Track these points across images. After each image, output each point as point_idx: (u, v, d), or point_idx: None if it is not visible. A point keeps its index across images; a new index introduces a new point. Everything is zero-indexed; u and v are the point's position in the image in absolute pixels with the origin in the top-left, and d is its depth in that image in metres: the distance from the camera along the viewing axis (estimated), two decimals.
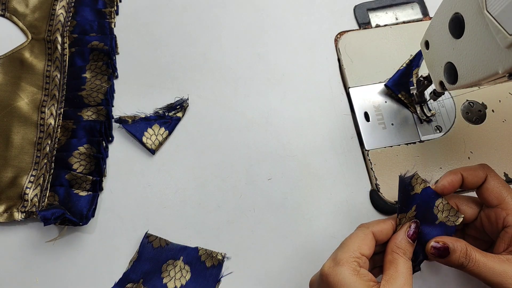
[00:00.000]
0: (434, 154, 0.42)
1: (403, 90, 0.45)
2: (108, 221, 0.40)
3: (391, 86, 0.44)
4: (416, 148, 0.43)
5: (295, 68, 0.47)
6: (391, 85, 0.44)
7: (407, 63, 0.45)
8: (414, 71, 0.45)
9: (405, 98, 0.44)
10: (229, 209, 0.41)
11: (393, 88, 0.44)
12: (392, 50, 0.47)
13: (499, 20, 0.26)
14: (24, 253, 0.39)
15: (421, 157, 0.42)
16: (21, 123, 0.43)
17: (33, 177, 0.41)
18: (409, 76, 0.45)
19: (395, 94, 0.44)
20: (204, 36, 0.48)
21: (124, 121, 0.43)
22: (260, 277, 0.39)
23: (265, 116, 0.45)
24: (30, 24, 0.48)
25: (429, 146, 0.43)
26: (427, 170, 0.42)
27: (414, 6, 0.50)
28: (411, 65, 0.45)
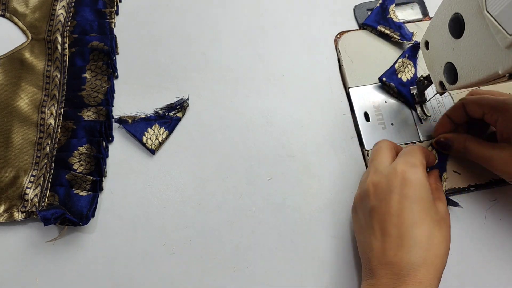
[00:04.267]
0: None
1: (381, 24, 0.47)
2: (108, 221, 0.40)
3: (369, 23, 0.47)
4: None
5: (295, 68, 0.47)
6: (369, 23, 0.47)
7: (380, 2, 0.48)
8: (390, 7, 0.48)
9: (385, 29, 0.47)
10: (229, 209, 0.41)
11: (371, 24, 0.47)
12: (392, 50, 0.47)
13: (499, 20, 0.26)
14: (24, 253, 0.39)
15: None
16: (21, 123, 0.43)
17: (33, 177, 0.41)
18: (385, 12, 0.48)
19: (374, 29, 0.47)
20: (204, 36, 0.48)
21: (124, 121, 0.43)
22: (260, 277, 0.39)
23: (265, 116, 0.45)
24: (30, 24, 0.48)
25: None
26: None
27: (414, 6, 0.50)
28: (385, 3, 0.48)
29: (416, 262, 0.29)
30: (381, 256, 0.31)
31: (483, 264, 0.39)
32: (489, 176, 0.42)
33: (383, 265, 0.31)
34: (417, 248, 0.30)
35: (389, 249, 0.30)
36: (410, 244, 0.30)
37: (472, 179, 0.42)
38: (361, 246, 0.35)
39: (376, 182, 0.33)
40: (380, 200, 0.32)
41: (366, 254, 0.33)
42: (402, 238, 0.30)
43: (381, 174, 0.33)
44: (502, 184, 0.42)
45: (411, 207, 0.31)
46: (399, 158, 0.34)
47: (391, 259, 0.30)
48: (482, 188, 0.42)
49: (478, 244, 0.40)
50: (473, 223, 0.41)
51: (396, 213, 0.31)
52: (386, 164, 0.34)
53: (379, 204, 0.32)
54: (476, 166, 0.42)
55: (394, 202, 0.31)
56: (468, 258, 0.39)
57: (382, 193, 0.32)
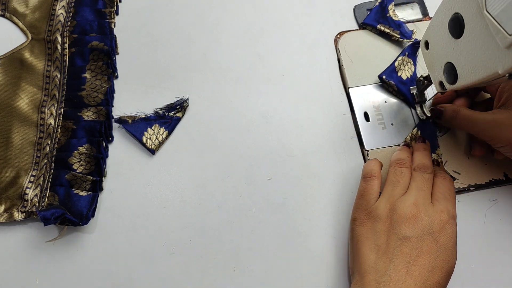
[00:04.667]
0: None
1: (381, 23, 0.47)
2: (108, 221, 0.40)
3: (369, 22, 0.47)
4: None
5: (295, 68, 0.47)
6: (368, 22, 0.47)
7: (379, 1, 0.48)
8: (390, 6, 0.48)
9: (385, 28, 0.47)
10: (229, 209, 0.41)
11: (371, 23, 0.47)
12: (392, 49, 0.47)
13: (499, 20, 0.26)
14: (24, 253, 0.39)
15: None
16: (21, 123, 0.43)
17: (33, 177, 0.41)
18: (385, 11, 0.48)
19: (374, 29, 0.47)
20: (204, 36, 0.48)
21: (124, 121, 0.43)
22: (260, 277, 0.39)
23: (265, 116, 0.45)
24: (30, 24, 0.48)
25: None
26: None
27: (414, 6, 0.50)
28: (384, 1, 0.48)
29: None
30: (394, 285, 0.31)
31: (483, 264, 0.39)
32: (489, 176, 0.42)
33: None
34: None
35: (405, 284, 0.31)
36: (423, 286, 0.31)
37: (472, 179, 0.42)
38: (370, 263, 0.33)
39: (420, 216, 0.34)
40: (417, 235, 0.33)
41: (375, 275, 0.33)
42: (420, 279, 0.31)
43: (427, 213, 0.34)
44: (502, 184, 0.42)
45: (437, 255, 0.32)
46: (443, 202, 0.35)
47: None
48: (482, 188, 0.42)
49: (478, 244, 0.40)
50: (473, 223, 0.41)
51: (424, 254, 0.32)
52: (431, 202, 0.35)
53: (414, 238, 0.33)
54: (476, 166, 0.42)
55: (427, 244, 0.33)
56: (468, 258, 0.39)
57: (421, 230, 0.33)
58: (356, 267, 0.35)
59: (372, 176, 0.37)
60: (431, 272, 0.32)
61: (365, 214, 0.36)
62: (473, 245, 0.40)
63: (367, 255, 0.34)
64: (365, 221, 0.36)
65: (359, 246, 0.35)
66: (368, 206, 0.36)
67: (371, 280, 0.32)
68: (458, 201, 0.41)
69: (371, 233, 0.35)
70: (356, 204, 0.38)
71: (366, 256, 0.34)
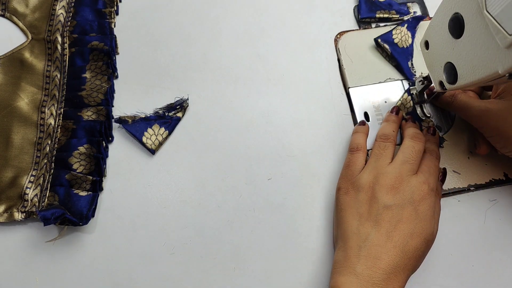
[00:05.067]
0: None
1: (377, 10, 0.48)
2: (108, 221, 0.40)
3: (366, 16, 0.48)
4: None
5: (295, 68, 0.47)
6: (365, 15, 0.48)
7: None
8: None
9: (383, 14, 0.47)
10: (229, 209, 0.41)
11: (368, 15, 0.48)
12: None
13: (499, 20, 0.26)
14: (24, 253, 0.39)
15: None
16: (21, 123, 0.43)
17: (33, 177, 0.41)
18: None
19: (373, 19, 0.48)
20: (204, 36, 0.48)
21: (124, 121, 0.43)
22: (260, 277, 0.39)
23: (265, 116, 0.45)
24: (30, 24, 0.48)
25: None
26: None
27: (414, 6, 0.50)
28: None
29: (400, 265, 0.33)
30: (374, 249, 0.33)
31: (483, 264, 0.39)
32: (489, 176, 0.42)
33: (372, 257, 0.33)
34: (405, 256, 0.33)
35: (385, 248, 0.33)
36: (402, 251, 0.33)
37: (472, 179, 0.42)
38: (352, 229, 0.35)
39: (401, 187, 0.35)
40: (398, 204, 0.35)
41: (357, 240, 0.34)
42: (399, 243, 0.33)
43: (408, 184, 0.36)
44: (502, 184, 0.42)
45: (416, 223, 0.34)
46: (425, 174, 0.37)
47: (383, 255, 0.33)
48: (482, 188, 0.42)
49: (478, 244, 0.40)
50: (473, 223, 0.41)
51: (404, 221, 0.34)
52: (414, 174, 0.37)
53: (395, 207, 0.35)
54: (476, 166, 0.42)
55: (407, 212, 0.35)
56: (468, 258, 0.39)
57: (402, 200, 0.35)
58: (339, 233, 0.37)
59: (358, 149, 0.40)
60: (410, 238, 0.34)
61: (350, 184, 0.38)
62: (473, 245, 0.40)
63: (350, 222, 0.36)
64: (349, 190, 0.38)
65: (342, 214, 0.37)
66: (352, 176, 0.38)
67: (353, 244, 0.34)
68: (458, 201, 0.41)
69: (354, 201, 0.37)
70: (341, 175, 0.40)
71: (349, 223, 0.36)
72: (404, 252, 0.33)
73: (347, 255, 0.34)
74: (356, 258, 0.33)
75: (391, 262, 0.33)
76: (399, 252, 0.33)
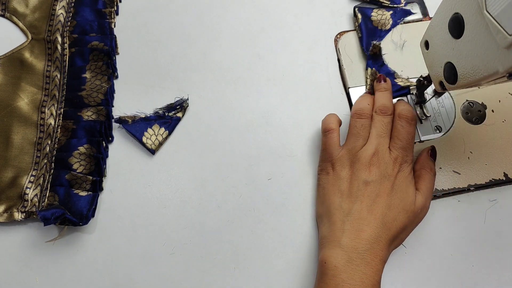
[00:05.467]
0: None
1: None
2: (108, 221, 0.40)
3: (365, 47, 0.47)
4: (416, 148, 0.43)
5: (295, 68, 0.47)
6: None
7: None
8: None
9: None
10: (229, 209, 0.41)
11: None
12: (392, 50, 0.47)
13: (499, 20, 0.26)
14: (24, 253, 0.39)
15: None
16: (21, 123, 0.43)
17: (33, 177, 0.41)
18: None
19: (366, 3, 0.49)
20: (204, 36, 0.48)
21: (124, 121, 0.43)
22: (260, 277, 0.39)
23: (265, 116, 0.45)
24: (30, 24, 0.48)
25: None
26: None
27: (414, 6, 0.50)
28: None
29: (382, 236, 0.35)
30: (357, 222, 0.36)
31: (483, 264, 0.39)
32: (489, 176, 0.42)
33: (355, 230, 0.35)
34: (385, 227, 0.36)
35: (366, 220, 0.36)
36: (382, 222, 0.36)
37: (472, 179, 0.42)
38: (335, 206, 0.37)
39: (379, 163, 0.38)
40: (376, 179, 0.37)
41: (340, 215, 0.37)
42: (378, 215, 0.36)
43: (384, 159, 0.38)
44: (502, 184, 0.42)
45: (393, 195, 0.37)
46: (400, 150, 0.39)
47: (365, 227, 0.35)
48: (482, 188, 0.42)
49: (478, 244, 0.40)
50: (473, 223, 0.41)
51: (382, 195, 0.37)
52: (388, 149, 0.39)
53: (374, 182, 0.37)
54: (476, 166, 0.42)
55: (385, 186, 0.37)
56: (468, 258, 0.39)
57: (380, 175, 0.37)
58: (323, 211, 0.39)
59: (330, 130, 0.41)
60: (388, 209, 0.36)
61: (330, 165, 0.40)
62: (473, 245, 0.40)
63: (333, 199, 0.38)
64: (330, 170, 0.40)
65: (325, 192, 0.39)
66: (332, 157, 0.40)
67: (337, 219, 0.37)
68: (458, 201, 0.41)
69: (335, 180, 0.39)
70: (321, 157, 0.42)
71: (332, 200, 0.38)
72: (384, 223, 0.35)
73: (332, 230, 0.36)
74: (341, 231, 0.36)
75: (373, 233, 0.35)
76: (380, 224, 0.35)
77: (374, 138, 0.39)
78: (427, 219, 0.40)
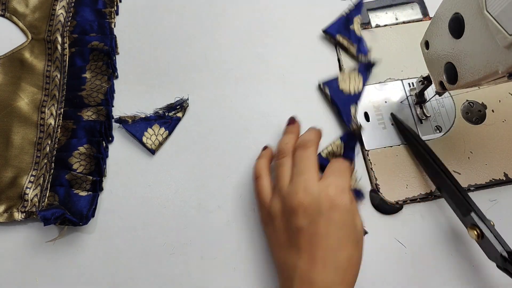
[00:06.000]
0: None
1: (341, 33, 0.47)
2: (108, 221, 0.40)
3: (329, 31, 0.47)
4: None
5: (295, 68, 0.47)
6: (329, 30, 0.47)
7: (346, 12, 0.48)
8: (355, 18, 0.47)
9: (343, 40, 0.46)
10: (229, 209, 0.41)
11: (331, 32, 0.47)
12: (392, 50, 0.47)
13: (499, 20, 0.26)
14: (24, 253, 0.39)
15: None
16: (21, 123, 0.43)
17: (33, 177, 0.41)
18: (349, 22, 0.47)
19: (333, 39, 0.47)
20: (204, 36, 0.48)
21: (124, 121, 0.43)
22: (260, 277, 0.39)
23: (265, 116, 0.45)
24: (30, 24, 0.48)
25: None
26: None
27: (414, 6, 0.50)
28: (351, 13, 0.47)
29: (337, 281, 0.31)
30: (305, 276, 0.31)
31: (483, 264, 0.39)
32: (489, 176, 0.42)
33: (306, 284, 0.31)
34: (339, 270, 0.31)
35: (314, 270, 0.31)
36: (334, 266, 0.31)
37: (472, 179, 0.42)
38: (281, 262, 0.34)
39: (306, 203, 0.33)
40: (309, 222, 0.32)
41: (287, 272, 0.33)
42: (327, 260, 0.31)
43: (311, 196, 0.33)
44: (502, 184, 0.42)
45: (337, 232, 0.32)
46: (330, 178, 0.34)
47: (315, 279, 0.31)
48: (482, 188, 0.42)
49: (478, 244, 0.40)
50: None
51: (323, 236, 0.32)
52: (315, 182, 0.34)
53: (307, 226, 0.32)
54: (476, 166, 0.42)
55: (322, 226, 0.32)
56: (468, 258, 0.39)
57: (312, 215, 0.32)
58: (275, 264, 0.36)
59: (258, 176, 0.38)
60: (338, 250, 0.31)
61: (266, 215, 0.36)
62: (473, 245, 0.40)
63: (277, 254, 0.35)
64: (268, 221, 0.36)
65: (270, 247, 0.36)
66: (265, 205, 0.36)
67: (286, 277, 0.33)
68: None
69: (274, 232, 0.35)
70: (258, 206, 0.39)
71: (276, 255, 0.35)
72: (337, 267, 0.31)
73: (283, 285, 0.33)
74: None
75: (327, 281, 0.31)
76: (331, 268, 0.31)
77: (296, 176, 0.35)
78: (427, 219, 0.40)
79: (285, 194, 0.34)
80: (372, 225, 0.40)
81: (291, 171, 0.36)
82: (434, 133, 0.43)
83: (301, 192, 0.33)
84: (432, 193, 0.41)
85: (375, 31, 0.48)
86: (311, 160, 0.35)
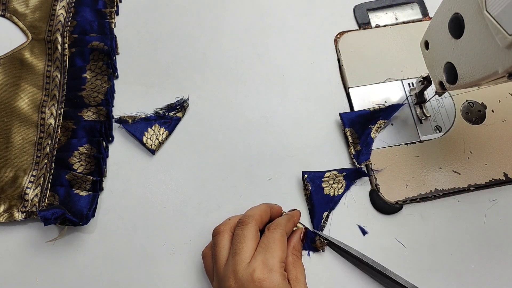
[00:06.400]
0: (434, 154, 0.42)
1: (352, 127, 0.42)
2: (108, 221, 0.40)
3: (344, 117, 0.43)
4: (416, 148, 0.43)
5: (295, 68, 0.47)
6: (344, 117, 0.43)
7: (375, 108, 0.43)
8: (380, 121, 0.43)
9: (350, 135, 0.42)
10: (229, 209, 0.41)
11: (344, 120, 0.42)
12: (392, 50, 0.47)
13: (499, 20, 0.26)
14: (24, 253, 0.39)
15: (421, 157, 0.42)
16: (21, 123, 0.43)
17: (34, 177, 0.41)
18: (370, 121, 0.42)
19: (342, 127, 0.43)
20: (204, 36, 0.48)
21: (124, 121, 0.43)
22: None
23: (265, 116, 0.45)
24: (30, 24, 0.48)
25: (429, 146, 0.43)
26: (427, 170, 0.42)
27: (414, 6, 0.50)
28: (379, 114, 0.43)
29: None
30: None
31: (483, 264, 0.39)
32: (489, 176, 0.42)
33: None
34: None
35: None
36: None
37: (472, 179, 0.42)
38: None
39: (235, 285, 0.31)
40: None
41: None
42: None
43: (240, 282, 0.31)
44: (502, 184, 0.42)
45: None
46: (259, 256, 0.32)
47: None
48: (482, 188, 0.42)
49: (478, 244, 0.40)
50: (473, 223, 0.41)
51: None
52: (243, 266, 0.32)
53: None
54: (476, 166, 0.42)
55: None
56: (468, 258, 0.39)
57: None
58: None
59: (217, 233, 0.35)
60: None
61: (216, 280, 0.34)
62: (473, 245, 0.40)
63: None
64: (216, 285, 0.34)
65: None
66: (218, 271, 0.34)
67: None
68: (458, 201, 0.41)
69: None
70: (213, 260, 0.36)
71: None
72: None
73: None
74: None
75: None
76: None
77: (231, 257, 0.33)
78: (427, 219, 0.40)
79: (220, 277, 0.33)
80: (372, 225, 0.40)
81: (229, 248, 0.34)
82: (434, 133, 0.43)
83: (232, 278, 0.32)
84: (432, 193, 0.41)
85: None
86: (247, 238, 0.33)
